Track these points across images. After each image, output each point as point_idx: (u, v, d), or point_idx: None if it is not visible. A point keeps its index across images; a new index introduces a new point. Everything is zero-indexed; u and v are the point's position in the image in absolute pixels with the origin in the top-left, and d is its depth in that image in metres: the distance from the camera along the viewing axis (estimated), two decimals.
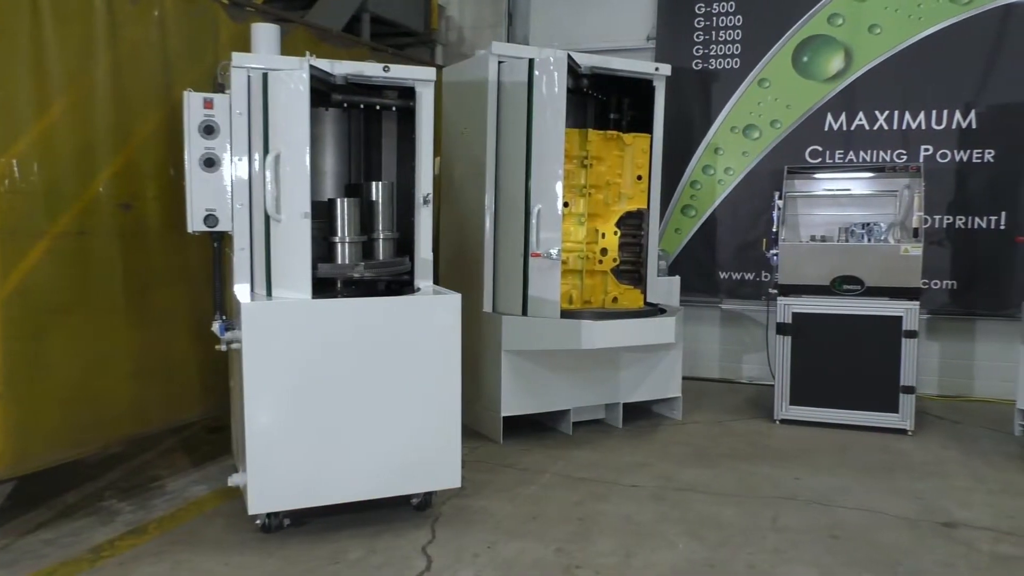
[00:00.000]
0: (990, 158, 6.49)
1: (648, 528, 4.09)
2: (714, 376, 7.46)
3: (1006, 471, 4.98)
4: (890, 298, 5.66)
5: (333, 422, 3.87)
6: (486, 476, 4.80)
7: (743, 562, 3.72)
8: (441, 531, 4.03)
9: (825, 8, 6.80)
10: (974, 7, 6.43)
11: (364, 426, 3.94)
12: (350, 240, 4.12)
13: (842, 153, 6.86)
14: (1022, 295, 6.24)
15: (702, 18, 7.20)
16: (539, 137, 5.10)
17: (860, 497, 4.51)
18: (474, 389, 5.47)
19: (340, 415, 3.89)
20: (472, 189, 5.57)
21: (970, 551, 3.83)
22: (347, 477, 3.93)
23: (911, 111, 6.66)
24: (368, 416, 3.94)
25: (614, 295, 5.64)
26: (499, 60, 5.34)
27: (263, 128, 3.87)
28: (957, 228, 6.62)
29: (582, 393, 5.71)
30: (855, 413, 5.80)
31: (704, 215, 7.30)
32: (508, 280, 5.39)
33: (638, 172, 5.66)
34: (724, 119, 7.16)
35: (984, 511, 4.32)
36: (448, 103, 5.89)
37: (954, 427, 5.94)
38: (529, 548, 3.85)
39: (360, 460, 3.94)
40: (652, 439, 5.63)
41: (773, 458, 5.21)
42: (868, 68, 6.74)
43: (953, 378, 6.83)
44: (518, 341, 5.31)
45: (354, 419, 3.92)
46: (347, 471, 3.93)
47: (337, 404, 3.88)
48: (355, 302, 3.99)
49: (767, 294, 6.43)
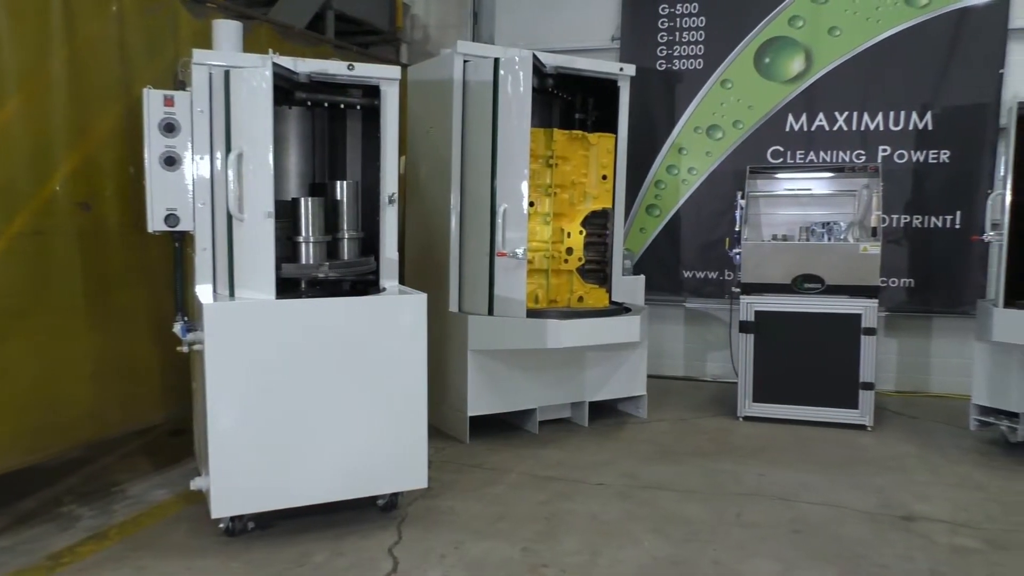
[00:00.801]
0: (945, 159, 6.64)
1: (614, 526, 4.12)
2: (678, 374, 7.53)
3: (962, 464, 5.09)
4: (850, 296, 5.76)
5: (297, 424, 3.84)
6: (453, 476, 4.79)
7: (708, 558, 3.76)
8: (408, 532, 4.01)
9: (786, 10, 6.90)
10: (930, 11, 6.57)
11: (329, 427, 3.91)
12: (314, 240, 4.08)
13: (803, 153, 6.96)
14: (977, 293, 6.40)
15: (666, 19, 7.26)
16: (504, 137, 5.10)
17: (822, 492, 4.59)
18: (440, 389, 5.45)
19: (304, 417, 3.85)
20: (438, 188, 5.55)
21: (928, 544, 3.92)
22: (312, 479, 3.90)
23: (869, 112, 6.79)
24: (333, 417, 3.91)
25: (580, 294, 5.67)
26: (464, 59, 5.33)
27: (225, 126, 3.82)
28: (914, 227, 6.76)
29: (548, 392, 5.72)
30: (816, 409, 5.89)
31: (668, 214, 7.36)
32: (474, 280, 5.38)
33: (603, 172, 5.69)
34: (688, 119, 7.23)
35: (941, 504, 4.42)
36: (413, 102, 5.86)
37: (912, 422, 6.07)
38: (496, 548, 3.85)
39: (325, 462, 3.91)
40: (618, 437, 5.67)
41: (737, 455, 5.27)
42: (828, 70, 6.85)
43: (910, 374, 6.98)
44: (484, 341, 5.31)
45: (319, 421, 3.88)
46: (312, 473, 3.89)
47: (301, 406, 3.84)
48: (319, 302, 3.96)
49: (730, 293, 6.52)
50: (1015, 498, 4.51)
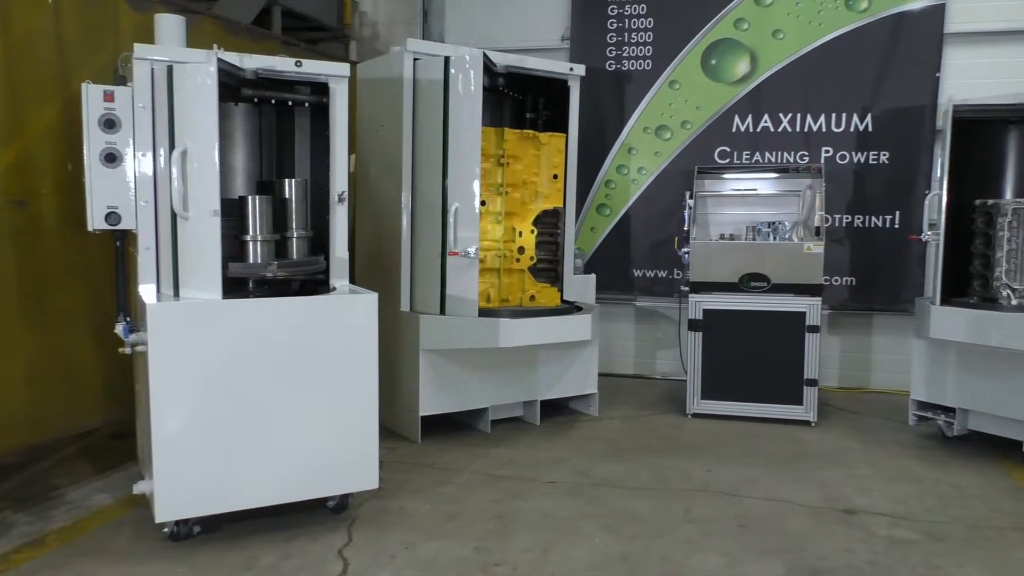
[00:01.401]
0: (885, 160, 6.83)
1: (565, 524, 4.14)
2: (629, 372, 7.60)
3: (901, 458, 5.24)
4: (794, 294, 5.89)
5: (244, 425, 3.78)
6: (404, 476, 4.77)
7: (657, 554, 3.80)
8: (358, 533, 3.98)
9: (732, 13, 7.01)
10: (869, 15, 6.74)
11: (277, 429, 3.85)
12: (262, 239, 4.02)
13: (749, 154, 7.09)
14: (915, 291, 6.60)
15: (615, 20, 7.32)
16: (456, 135, 5.09)
17: (767, 487, 4.68)
18: (391, 389, 5.41)
19: (252, 418, 3.79)
20: (388, 187, 5.51)
21: (868, 536, 4.03)
22: (260, 481, 3.84)
23: (812, 114, 6.94)
24: (281, 418, 3.86)
25: (531, 293, 5.68)
26: (414, 57, 5.31)
27: (168, 123, 3.74)
28: (855, 227, 6.93)
29: (500, 391, 5.73)
30: (762, 406, 6.01)
31: (619, 214, 7.42)
32: (426, 279, 5.36)
33: (554, 171, 5.71)
34: (637, 119, 7.30)
35: (881, 498, 4.54)
36: (363, 100, 5.81)
37: (854, 418, 6.22)
38: (448, 547, 3.84)
39: (273, 464, 3.86)
40: (569, 435, 5.70)
41: (686, 451, 5.35)
42: (772, 72, 6.98)
43: (852, 371, 7.16)
44: (436, 340, 5.29)
45: (267, 422, 3.83)
46: (260, 475, 3.83)
47: (249, 407, 3.78)
48: (268, 302, 3.90)
49: (679, 291, 6.60)
50: (951, 490, 4.66)
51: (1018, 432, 5.11)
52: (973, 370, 5.31)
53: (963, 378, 5.37)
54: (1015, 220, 5.09)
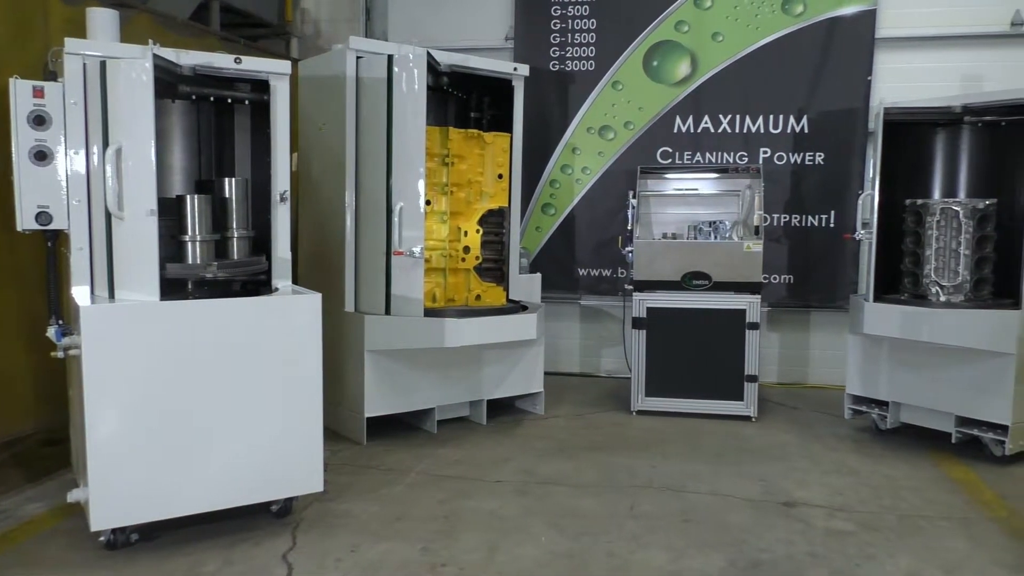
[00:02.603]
0: (820, 161, 7.01)
1: (512, 522, 4.15)
2: (574, 371, 7.66)
3: (838, 451, 5.39)
4: (735, 292, 6.01)
5: (183, 430, 3.69)
6: (349, 478, 4.72)
7: (603, 550, 3.84)
8: (302, 537, 3.93)
9: (672, 15, 7.11)
10: (804, 19, 6.91)
11: (218, 433, 3.78)
12: (201, 239, 3.94)
13: (690, 154, 7.20)
14: (849, 288, 6.79)
15: (558, 20, 7.36)
16: (400, 134, 5.06)
17: (710, 482, 4.77)
18: (336, 390, 5.36)
19: (191, 422, 3.71)
20: (332, 186, 5.45)
21: (807, 528, 4.13)
22: (200, 487, 3.76)
23: (751, 115, 7.08)
24: (222, 422, 3.79)
25: (477, 293, 5.68)
26: (357, 55, 5.26)
27: (102, 120, 3.64)
28: (793, 226, 7.10)
29: (446, 391, 5.71)
30: (705, 402, 6.11)
31: (563, 213, 7.47)
32: (370, 279, 5.32)
33: (499, 171, 5.73)
34: (581, 119, 7.35)
35: (819, 490, 4.66)
36: (305, 98, 5.73)
37: (792, 412, 6.38)
38: (394, 549, 3.82)
39: (214, 468, 3.78)
40: (515, 434, 5.72)
41: (631, 448, 5.41)
42: (712, 74, 7.10)
43: (791, 366, 7.34)
44: (381, 341, 5.25)
45: (206, 426, 3.75)
46: (200, 481, 3.75)
47: (188, 411, 3.70)
48: (207, 303, 3.82)
49: (623, 290, 6.67)
50: (884, 482, 4.81)
51: (946, 424, 5.30)
52: (904, 365, 5.50)
53: (895, 372, 5.55)
54: (942, 219, 5.28)
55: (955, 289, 5.26)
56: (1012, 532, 4.08)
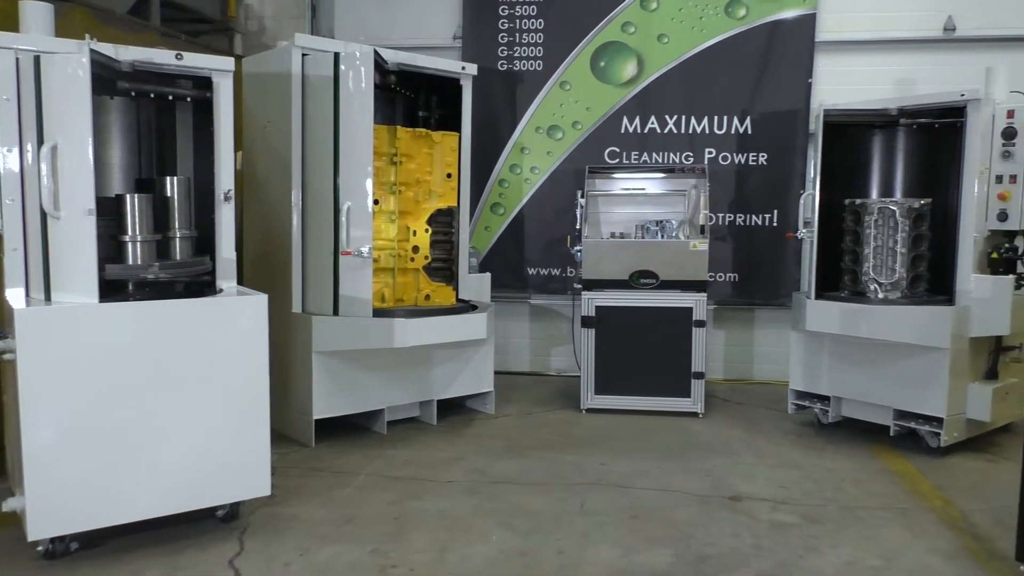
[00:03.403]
0: (763, 161, 7.15)
1: (463, 522, 4.15)
2: (525, 369, 7.68)
3: (782, 446, 5.51)
4: (681, 291, 6.09)
5: (125, 435, 3.60)
6: (298, 481, 4.66)
7: (553, 548, 3.86)
8: (250, 542, 3.86)
9: (618, 16, 7.18)
10: (747, 22, 7.04)
11: (161, 438, 3.69)
12: (142, 239, 3.84)
13: (637, 154, 7.28)
14: (792, 286, 6.95)
15: (506, 20, 7.37)
16: (347, 133, 5.01)
17: (658, 478, 4.83)
18: (284, 392, 5.28)
19: (133, 428, 3.62)
20: (278, 185, 5.37)
21: (752, 521, 4.21)
22: (143, 493, 3.67)
23: (696, 116, 7.19)
24: (166, 427, 3.70)
25: (426, 293, 5.66)
26: (303, 53, 5.19)
27: (36, 116, 3.53)
28: (737, 225, 7.24)
29: (396, 392, 5.68)
30: (653, 399, 6.19)
31: (512, 213, 7.48)
32: (318, 279, 5.26)
33: (448, 170, 5.71)
34: (529, 119, 7.38)
35: (764, 484, 4.76)
36: (249, 95, 5.64)
37: (738, 408, 6.50)
38: (344, 551, 3.78)
39: (158, 474, 3.69)
40: (466, 434, 5.71)
41: (580, 446, 5.45)
42: (658, 75, 7.19)
43: (736, 363, 7.47)
44: (329, 341, 5.20)
45: (149, 431, 3.66)
46: (143, 487, 3.66)
47: (130, 416, 3.61)
48: (149, 305, 3.72)
49: (572, 289, 6.71)
50: (826, 475, 4.93)
51: (885, 417, 5.46)
52: (845, 360, 5.64)
53: (836, 368, 5.70)
54: (880, 218, 5.44)
55: (892, 286, 5.42)
56: (947, 521, 4.22)
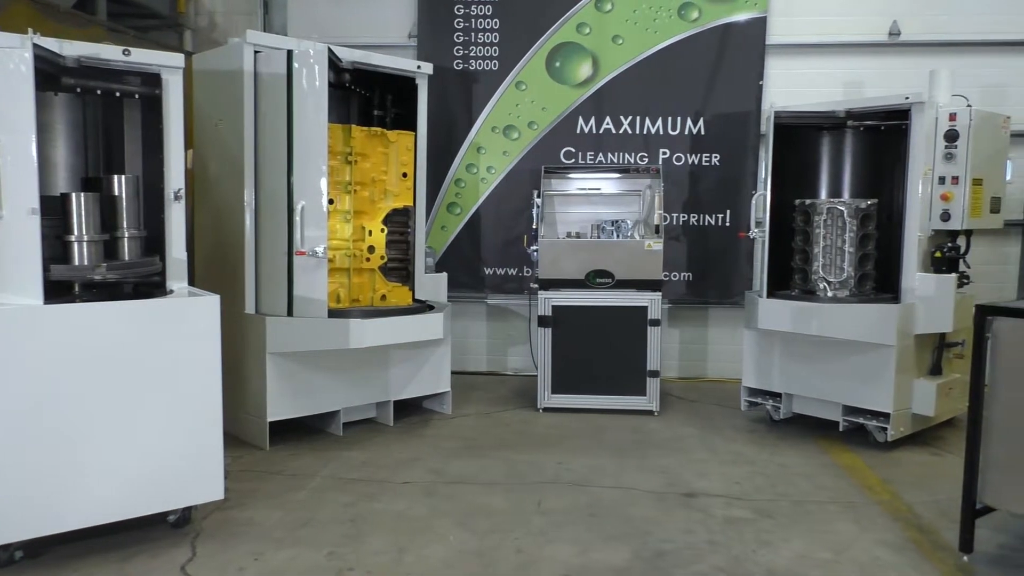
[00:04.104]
0: (716, 162, 7.25)
1: (420, 523, 4.13)
2: (482, 369, 7.67)
3: (735, 442, 5.60)
4: (637, 290, 6.15)
5: (72, 440, 3.51)
6: (252, 485, 4.59)
7: (511, 547, 3.87)
8: (203, 547, 3.80)
9: (574, 17, 7.22)
10: (699, 24, 7.13)
11: (110, 443, 3.61)
12: (88, 239, 3.74)
13: (593, 154, 7.33)
14: (744, 285, 7.06)
15: (461, 19, 7.35)
16: (301, 132, 4.96)
17: (614, 476, 4.86)
18: (237, 395, 5.19)
19: (80, 432, 3.53)
20: (229, 184, 5.28)
21: (707, 517, 4.27)
22: (91, 499, 3.58)
23: (651, 117, 7.26)
24: (114, 432, 3.61)
25: (382, 293, 5.62)
26: (255, 50, 5.11)
27: None
28: (691, 225, 7.33)
29: (352, 393, 5.63)
30: (609, 398, 6.23)
31: (469, 213, 7.47)
32: (272, 280, 5.18)
33: (403, 169, 5.68)
34: (485, 119, 7.37)
35: (718, 480, 4.83)
36: (200, 93, 5.53)
37: (693, 406, 6.58)
38: (299, 555, 3.74)
39: (107, 479, 3.61)
40: (423, 435, 5.69)
41: (538, 445, 5.47)
42: (613, 75, 7.24)
43: (691, 361, 7.57)
44: (284, 343, 5.13)
45: (97, 436, 3.57)
46: (91, 493, 3.58)
47: (77, 420, 3.52)
48: (96, 307, 3.63)
49: (529, 288, 6.73)
50: (778, 470, 5.02)
51: (834, 413, 5.59)
52: (796, 357, 5.76)
53: (787, 365, 5.81)
54: (829, 218, 5.55)
55: (841, 285, 5.55)
56: (894, 514, 4.33)
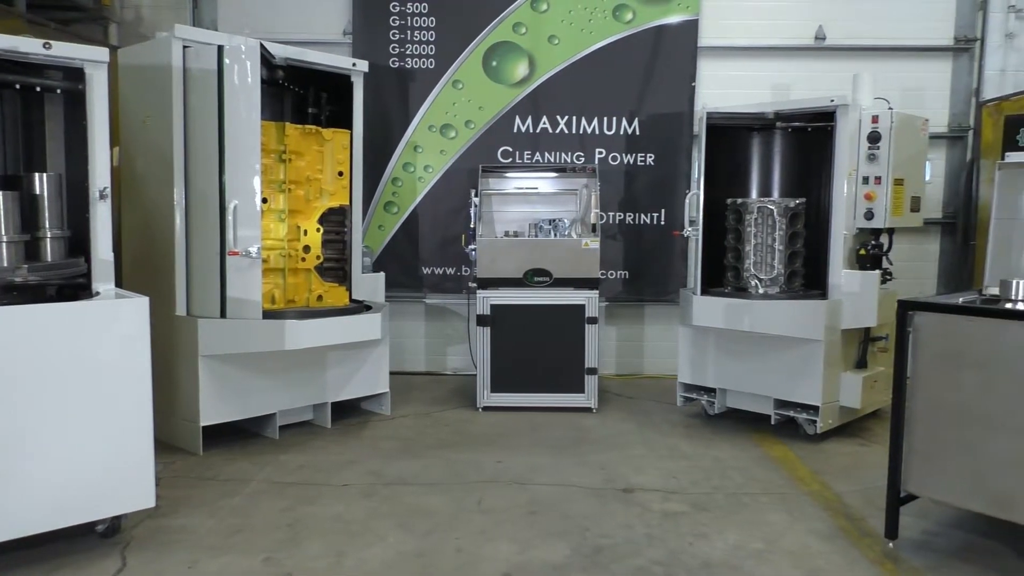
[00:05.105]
0: (651, 161, 7.36)
1: (359, 526, 4.09)
2: (421, 369, 7.64)
3: (671, 437, 5.70)
4: (574, 288, 6.20)
5: None
6: (184, 492, 4.48)
7: (451, 547, 3.86)
8: (133, 557, 3.69)
9: (510, 16, 7.23)
10: (633, 26, 7.23)
11: (31, 451, 3.47)
12: (7, 240, 3.60)
13: (530, 154, 7.36)
14: (679, 282, 7.19)
15: (397, 17, 7.29)
16: (232, 129, 4.85)
17: (554, 473, 4.90)
18: (168, 399, 5.06)
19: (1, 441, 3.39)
20: (158, 183, 5.14)
21: (644, 511, 4.34)
22: (13, 511, 3.44)
23: (587, 117, 7.33)
24: (36, 439, 3.48)
25: (319, 293, 5.55)
26: (184, 45, 4.99)
27: None
28: (627, 223, 7.42)
29: (288, 395, 5.54)
30: (548, 396, 6.27)
31: (406, 212, 7.42)
32: (204, 281, 5.06)
33: (339, 168, 5.62)
34: (422, 117, 7.33)
35: (655, 475, 4.91)
36: (126, 88, 5.37)
37: (630, 402, 6.67)
38: (235, 562, 3.66)
39: (30, 490, 3.47)
40: (361, 436, 5.63)
41: (477, 444, 5.47)
42: (549, 75, 7.28)
43: (628, 358, 7.67)
44: (217, 345, 5.02)
45: (17, 444, 3.44)
46: (13, 504, 3.44)
47: None
48: (17, 310, 3.49)
49: (468, 288, 6.72)
50: (713, 464, 5.13)
51: (766, 407, 5.74)
52: (729, 353, 5.89)
53: (721, 360, 5.94)
54: (759, 217, 5.69)
55: (771, 282, 5.69)
56: (823, 503, 4.47)
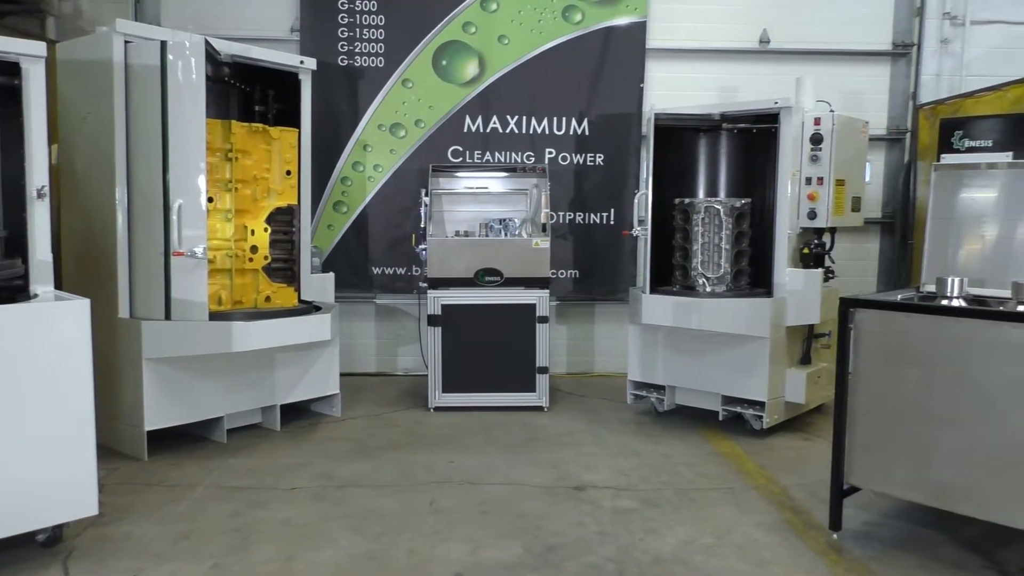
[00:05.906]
0: (600, 162, 7.43)
1: (309, 529, 4.05)
2: (371, 370, 7.58)
3: (622, 435, 5.76)
4: (525, 288, 6.22)
5: None
6: (129, 498, 4.38)
7: (404, 548, 3.85)
8: (76, 566, 3.59)
9: (459, 16, 7.22)
10: (583, 27, 7.29)
11: None
12: None
13: (480, 153, 7.36)
14: (629, 281, 7.26)
15: (346, 14, 7.23)
16: (176, 127, 4.75)
17: (506, 473, 4.91)
18: (111, 403, 4.94)
19: None
20: (100, 181, 5.00)
21: (596, 509, 4.38)
22: None
23: (536, 117, 7.36)
24: None
25: (267, 294, 5.47)
26: (126, 40, 4.87)
27: None
28: (577, 223, 7.48)
29: (236, 398, 5.45)
30: (500, 395, 6.28)
31: (356, 211, 7.36)
32: (147, 282, 4.95)
33: (287, 167, 5.55)
34: (371, 116, 7.28)
35: (606, 472, 4.95)
36: (65, 84, 5.22)
37: (581, 401, 6.72)
38: (182, 569, 3.59)
39: None
40: (311, 438, 5.57)
41: (429, 445, 5.45)
42: (499, 75, 7.30)
43: (578, 357, 7.73)
44: (162, 347, 4.91)
45: None
46: None
47: None
48: None
49: (418, 287, 6.70)
50: (663, 460, 5.20)
51: (714, 403, 5.84)
52: (678, 351, 5.98)
53: (670, 358, 6.02)
54: (707, 217, 5.79)
55: (718, 280, 5.79)
56: (770, 497, 4.57)
